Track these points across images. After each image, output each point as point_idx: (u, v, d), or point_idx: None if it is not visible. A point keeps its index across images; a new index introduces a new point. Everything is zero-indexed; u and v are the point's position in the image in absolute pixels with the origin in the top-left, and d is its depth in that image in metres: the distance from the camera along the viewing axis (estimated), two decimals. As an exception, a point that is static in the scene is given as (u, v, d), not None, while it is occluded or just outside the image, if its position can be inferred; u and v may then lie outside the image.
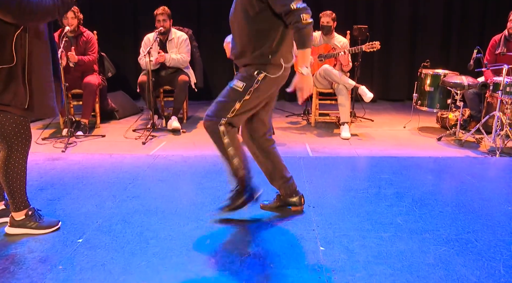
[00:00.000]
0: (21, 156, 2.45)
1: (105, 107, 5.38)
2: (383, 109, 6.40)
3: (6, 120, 2.35)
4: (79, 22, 4.81)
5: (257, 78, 2.50)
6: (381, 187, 3.34)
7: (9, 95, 2.28)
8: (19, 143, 2.42)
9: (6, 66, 2.25)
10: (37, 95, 2.36)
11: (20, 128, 2.40)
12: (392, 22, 6.71)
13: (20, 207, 2.54)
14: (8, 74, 2.26)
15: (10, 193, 2.49)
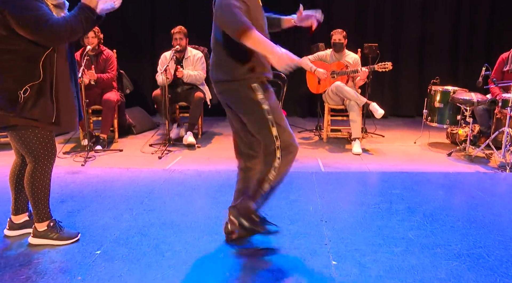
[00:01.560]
0: (46, 169, 2.57)
1: (123, 123, 5.52)
2: (394, 125, 6.45)
3: (34, 135, 2.47)
4: (99, 41, 4.99)
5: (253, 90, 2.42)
6: (392, 202, 3.39)
7: (38, 110, 2.40)
8: (45, 156, 2.54)
9: (36, 82, 2.37)
10: (62, 110, 2.49)
11: (46, 142, 2.52)
12: (401, 40, 6.79)
13: (43, 218, 2.65)
14: (37, 91, 2.39)
15: (35, 204, 2.61)
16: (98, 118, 5.17)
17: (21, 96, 2.35)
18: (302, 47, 6.43)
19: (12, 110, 2.37)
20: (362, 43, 5.63)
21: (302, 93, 6.55)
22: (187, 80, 5.14)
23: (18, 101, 2.36)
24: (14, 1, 2.24)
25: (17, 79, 2.35)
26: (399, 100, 6.99)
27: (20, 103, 2.36)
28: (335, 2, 6.67)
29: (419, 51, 6.83)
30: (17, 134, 2.47)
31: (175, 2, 6.74)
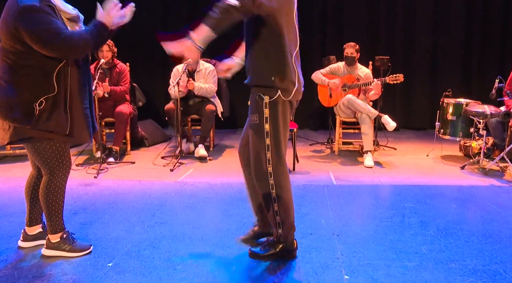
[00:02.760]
0: (61, 181, 2.61)
1: (136, 135, 5.56)
2: (406, 137, 6.41)
3: (49, 147, 2.51)
4: (113, 55, 5.06)
5: (263, 102, 2.43)
6: (405, 215, 3.35)
7: (52, 122, 2.44)
8: (59, 168, 2.58)
9: (51, 95, 2.42)
10: (76, 122, 2.53)
11: (61, 154, 2.56)
12: (413, 52, 6.78)
13: (57, 230, 2.68)
14: (52, 103, 2.43)
15: (49, 216, 2.64)
16: (111, 131, 5.22)
17: (36, 108, 2.40)
18: (314, 60, 6.47)
19: (28, 122, 2.41)
20: (374, 56, 5.64)
21: (314, 106, 6.56)
22: (198, 93, 5.18)
23: (33, 114, 2.40)
24: (28, 16, 2.28)
25: (32, 92, 2.39)
26: (411, 112, 6.96)
27: (36, 115, 2.40)
28: (347, 15, 6.70)
29: (431, 63, 6.82)
30: (33, 146, 2.51)
31: (187, 16, 6.82)
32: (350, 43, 5.20)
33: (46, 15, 2.30)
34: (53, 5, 2.38)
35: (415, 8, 6.66)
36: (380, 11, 6.70)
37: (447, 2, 6.62)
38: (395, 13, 6.70)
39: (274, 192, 2.51)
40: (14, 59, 2.37)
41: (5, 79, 2.41)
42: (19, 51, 2.35)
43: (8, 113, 2.41)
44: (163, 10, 6.86)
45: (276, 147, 2.48)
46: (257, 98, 2.44)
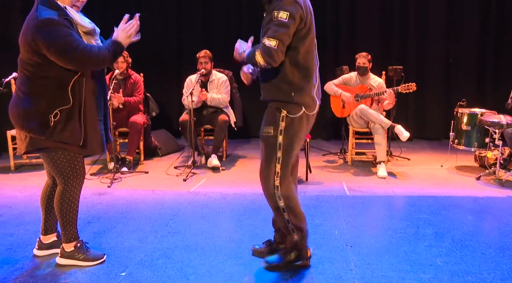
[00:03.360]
0: (75, 190, 2.65)
1: (149, 145, 5.60)
2: (420, 147, 6.36)
3: (64, 157, 2.55)
4: (128, 66, 5.13)
5: (281, 115, 2.46)
6: (419, 227, 3.32)
7: (67, 134, 2.48)
8: (74, 178, 2.61)
9: (66, 107, 2.46)
10: (90, 133, 2.56)
11: (75, 164, 2.60)
12: (427, 62, 6.74)
13: (71, 239, 2.71)
14: (67, 115, 2.47)
15: (63, 225, 2.67)
16: (125, 140, 5.27)
17: (51, 120, 2.44)
18: (326, 70, 6.47)
19: (43, 133, 2.45)
20: (387, 66, 5.62)
21: (327, 116, 6.55)
22: (211, 103, 5.21)
23: (49, 125, 2.45)
24: (46, 29, 2.33)
25: (48, 103, 2.44)
26: (425, 122, 6.90)
27: (51, 127, 2.45)
28: (360, 24, 6.70)
29: (445, 72, 6.77)
30: (48, 156, 2.55)
31: (200, 27, 6.89)
32: (362, 53, 5.20)
33: (64, 28, 2.36)
34: (71, 19, 2.43)
35: (428, 18, 6.63)
36: (393, 21, 6.69)
37: (461, 11, 6.59)
38: (408, 23, 6.68)
39: (282, 203, 2.52)
40: (32, 71, 2.43)
41: (22, 90, 2.46)
42: (36, 63, 2.40)
43: (24, 124, 2.46)
44: (177, 22, 6.94)
45: (286, 161, 2.50)
46: (275, 111, 2.47)
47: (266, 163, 2.52)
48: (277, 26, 2.31)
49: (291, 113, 2.46)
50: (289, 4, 2.33)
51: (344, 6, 6.69)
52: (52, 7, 2.39)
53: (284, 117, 2.46)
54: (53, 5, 2.40)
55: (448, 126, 5.31)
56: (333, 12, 6.70)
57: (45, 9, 2.37)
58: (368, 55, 5.18)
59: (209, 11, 6.88)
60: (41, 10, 2.36)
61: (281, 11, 2.32)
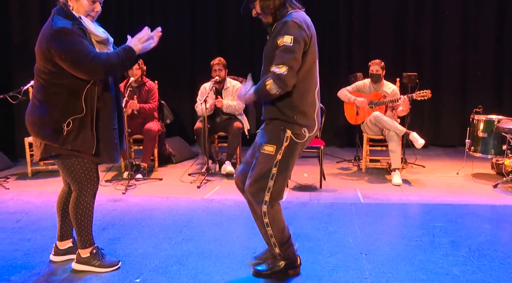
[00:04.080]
0: (90, 197, 2.68)
1: (163, 152, 5.64)
2: (435, 155, 6.30)
3: (78, 163, 2.59)
4: (142, 73, 5.18)
5: (285, 136, 2.46)
6: (435, 235, 3.28)
7: (79, 142, 2.52)
8: (88, 184, 2.65)
9: (78, 116, 2.49)
10: (103, 142, 2.59)
11: (89, 171, 2.63)
12: (442, 68, 6.69)
13: (86, 245, 2.74)
14: (79, 124, 2.51)
15: (78, 231, 2.70)
16: (139, 147, 5.31)
17: (64, 128, 2.48)
18: (340, 77, 6.47)
19: (56, 141, 2.49)
20: (401, 73, 5.59)
21: (340, 123, 6.53)
22: (227, 110, 5.24)
23: (61, 133, 2.48)
24: (60, 37, 2.37)
25: (61, 112, 2.48)
26: (440, 129, 6.84)
27: (64, 135, 2.49)
28: (374, 31, 6.69)
29: (460, 78, 6.70)
30: (63, 162, 2.59)
31: (214, 34, 6.95)
32: (375, 60, 5.18)
33: (77, 37, 2.40)
34: (85, 28, 2.48)
35: (443, 24, 6.59)
36: (407, 27, 6.67)
37: (477, 17, 6.53)
38: (422, 29, 6.64)
39: (267, 219, 2.52)
40: (46, 79, 2.47)
41: (37, 98, 2.51)
42: (50, 71, 2.45)
43: (39, 131, 2.51)
44: (192, 30, 7.00)
45: (279, 178, 2.50)
46: (280, 130, 2.46)
47: (259, 176, 2.50)
48: (283, 52, 2.32)
49: (294, 135, 2.46)
50: (293, 28, 2.33)
51: (358, 12, 6.68)
52: (67, 17, 2.44)
53: (288, 138, 2.46)
54: (68, 15, 2.45)
55: (463, 133, 5.25)
56: (346, 18, 6.70)
57: (60, 18, 2.42)
58: (381, 62, 5.16)
59: (223, 19, 6.93)
60: (57, 20, 2.41)
61: (285, 35, 2.32)
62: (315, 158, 5.14)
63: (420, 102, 5.33)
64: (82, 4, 2.48)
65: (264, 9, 2.45)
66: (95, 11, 2.56)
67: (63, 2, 2.47)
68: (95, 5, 2.54)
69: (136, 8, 6.97)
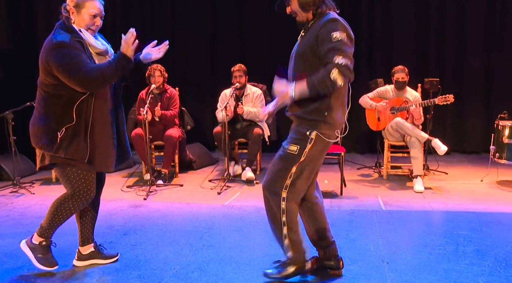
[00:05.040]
0: (76, 204, 2.72)
1: (184, 158, 5.69)
2: (458, 161, 6.19)
3: (72, 173, 2.65)
4: (164, 80, 5.25)
5: (310, 137, 2.48)
6: (459, 244, 3.22)
7: (71, 150, 2.60)
8: (82, 193, 2.69)
9: (71, 124, 2.58)
10: (98, 151, 2.66)
11: (84, 180, 2.68)
12: (465, 73, 6.59)
13: (43, 234, 2.78)
14: (72, 132, 2.59)
15: (47, 221, 2.75)
16: (160, 154, 5.37)
17: (58, 136, 2.57)
18: (361, 83, 6.42)
19: (51, 149, 2.59)
20: (422, 78, 5.53)
21: (362, 129, 6.48)
22: (247, 117, 5.26)
23: (56, 141, 2.58)
24: (58, 51, 2.49)
25: (57, 121, 2.58)
26: (463, 135, 6.73)
27: (57, 143, 2.58)
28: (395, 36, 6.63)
29: (484, 84, 6.59)
30: (59, 170, 2.68)
31: (234, 41, 6.99)
32: (400, 66, 5.12)
33: (74, 50, 2.50)
34: (83, 41, 2.58)
35: (466, 28, 6.50)
36: (429, 32, 6.60)
37: (501, 20, 6.42)
38: (445, 33, 6.56)
39: (284, 217, 2.53)
40: (47, 91, 2.59)
41: (38, 109, 2.64)
42: (50, 83, 2.56)
43: (38, 140, 2.63)
44: (212, 36, 7.06)
45: (298, 177, 2.51)
46: (306, 130, 2.48)
47: (278, 173, 2.53)
48: (343, 45, 2.34)
49: (322, 134, 2.47)
50: (344, 27, 2.40)
51: (379, 18, 6.65)
52: (68, 30, 2.55)
53: (313, 139, 2.47)
54: (69, 28, 2.56)
55: (487, 139, 5.16)
56: (367, 24, 6.67)
57: (61, 32, 2.54)
58: (405, 69, 5.10)
59: (244, 26, 6.97)
60: (57, 33, 2.54)
61: (339, 31, 2.35)
62: (336, 165, 5.11)
63: (443, 107, 5.26)
64: (83, 18, 2.59)
65: (303, 6, 2.46)
66: (96, 25, 2.65)
67: (65, 16, 2.59)
68: (95, 19, 2.63)
69: (157, 13, 7.06)
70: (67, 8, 2.59)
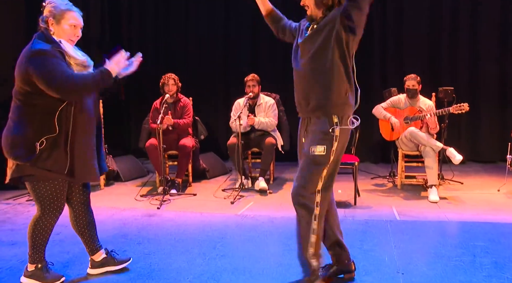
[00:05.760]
0: (50, 220, 2.72)
1: (197, 167, 5.71)
2: (473, 171, 6.11)
3: (44, 187, 2.62)
4: (177, 90, 5.30)
5: (334, 135, 2.51)
6: (476, 255, 3.16)
7: (51, 162, 2.56)
8: (51, 209, 2.68)
9: (52, 135, 2.55)
10: (78, 162, 2.63)
11: (54, 195, 2.66)
12: (479, 81, 6.53)
13: (35, 261, 2.78)
14: (52, 143, 2.56)
15: (32, 247, 2.75)
16: (174, 163, 5.40)
17: (37, 147, 2.53)
18: (374, 93, 6.40)
19: (28, 160, 2.53)
20: (437, 87, 5.49)
21: (375, 139, 6.45)
22: (259, 127, 5.27)
23: (34, 152, 2.53)
24: (37, 59, 2.47)
25: (35, 131, 2.54)
26: (479, 144, 6.65)
27: (36, 154, 2.53)
28: (408, 45, 6.61)
29: (499, 92, 6.51)
30: (31, 184, 2.63)
31: (247, 51, 7.04)
32: (411, 75, 5.11)
33: (54, 59, 2.50)
34: (64, 51, 2.58)
35: (480, 36, 6.45)
36: (442, 41, 6.57)
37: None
38: (458, 42, 6.52)
39: (315, 224, 2.52)
40: (22, 100, 2.55)
41: (13, 119, 2.59)
42: (27, 92, 2.52)
43: (11, 150, 2.55)
44: (225, 46, 7.12)
45: (330, 178, 2.55)
46: (327, 125, 2.51)
47: (308, 178, 2.53)
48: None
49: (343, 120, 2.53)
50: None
51: (392, 27, 6.64)
52: (47, 41, 2.55)
53: (338, 137, 2.50)
54: (49, 39, 2.56)
55: (504, 148, 5.09)
56: (380, 33, 6.66)
57: (40, 42, 2.53)
58: (417, 77, 5.08)
59: (256, 35, 7.02)
60: (36, 43, 2.53)
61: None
62: (349, 174, 5.07)
63: (458, 116, 5.22)
64: (63, 29, 2.61)
65: (318, 3, 2.52)
66: (76, 35, 2.67)
67: (44, 27, 2.60)
68: (75, 30, 2.65)
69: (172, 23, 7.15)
70: (45, 20, 2.60)
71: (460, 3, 6.50)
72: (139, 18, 7.26)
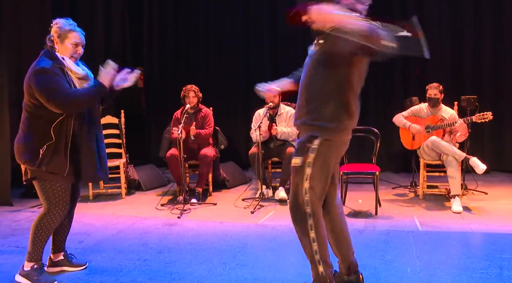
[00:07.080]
0: (54, 218, 2.94)
1: (217, 177, 5.73)
2: (498, 181, 5.98)
3: (50, 186, 2.90)
4: (198, 100, 5.36)
5: (311, 146, 2.46)
6: (503, 267, 3.09)
7: (52, 165, 2.85)
8: (56, 207, 2.93)
9: (50, 142, 2.84)
10: (78, 165, 2.93)
11: (59, 194, 2.92)
12: (503, 89, 6.42)
13: (32, 259, 2.97)
14: (53, 149, 2.85)
15: (32, 243, 2.96)
16: (194, 172, 5.44)
17: (40, 153, 2.84)
18: (395, 102, 6.36)
19: (33, 164, 2.84)
20: (459, 96, 5.42)
21: (396, 148, 6.38)
22: (281, 137, 5.29)
23: (38, 157, 2.84)
24: (39, 76, 2.77)
25: (39, 139, 2.85)
26: (503, 153, 6.51)
27: (40, 158, 2.83)
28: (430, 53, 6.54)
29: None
30: (38, 184, 2.91)
31: (268, 61, 7.07)
32: (433, 84, 5.05)
33: (54, 76, 2.79)
34: (64, 67, 2.87)
35: (503, 43, 6.35)
36: (465, 49, 6.49)
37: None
38: (481, 49, 6.44)
39: (313, 233, 2.48)
40: (30, 112, 2.87)
41: (22, 128, 2.91)
42: (34, 104, 2.83)
43: (21, 156, 2.89)
44: (246, 57, 7.17)
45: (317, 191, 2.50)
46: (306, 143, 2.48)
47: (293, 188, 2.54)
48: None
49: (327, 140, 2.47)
50: None
51: (413, 36, 6.59)
52: (51, 58, 2.85)
53: (316, 149, 2.45)
54: (52, 56, 2.86)
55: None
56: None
57: (44, 59, 2.83)
58: (440, 86, 5.02)
59: (277, 46, 7.06)
60: (41, 60, 2.83)
61: None
62: (370, 184, 5.03)
63: (481, 125, 5.14)
64: (66, 47, 2.91)
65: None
66: (77, 53, 2.96)
67: (50, 45, 2.90)
68: (77, 48, 2.94)
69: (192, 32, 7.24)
70: (51, 39, 2.90)
71: (483, 11, 6.42)
72: (159, 29, 7.37)
